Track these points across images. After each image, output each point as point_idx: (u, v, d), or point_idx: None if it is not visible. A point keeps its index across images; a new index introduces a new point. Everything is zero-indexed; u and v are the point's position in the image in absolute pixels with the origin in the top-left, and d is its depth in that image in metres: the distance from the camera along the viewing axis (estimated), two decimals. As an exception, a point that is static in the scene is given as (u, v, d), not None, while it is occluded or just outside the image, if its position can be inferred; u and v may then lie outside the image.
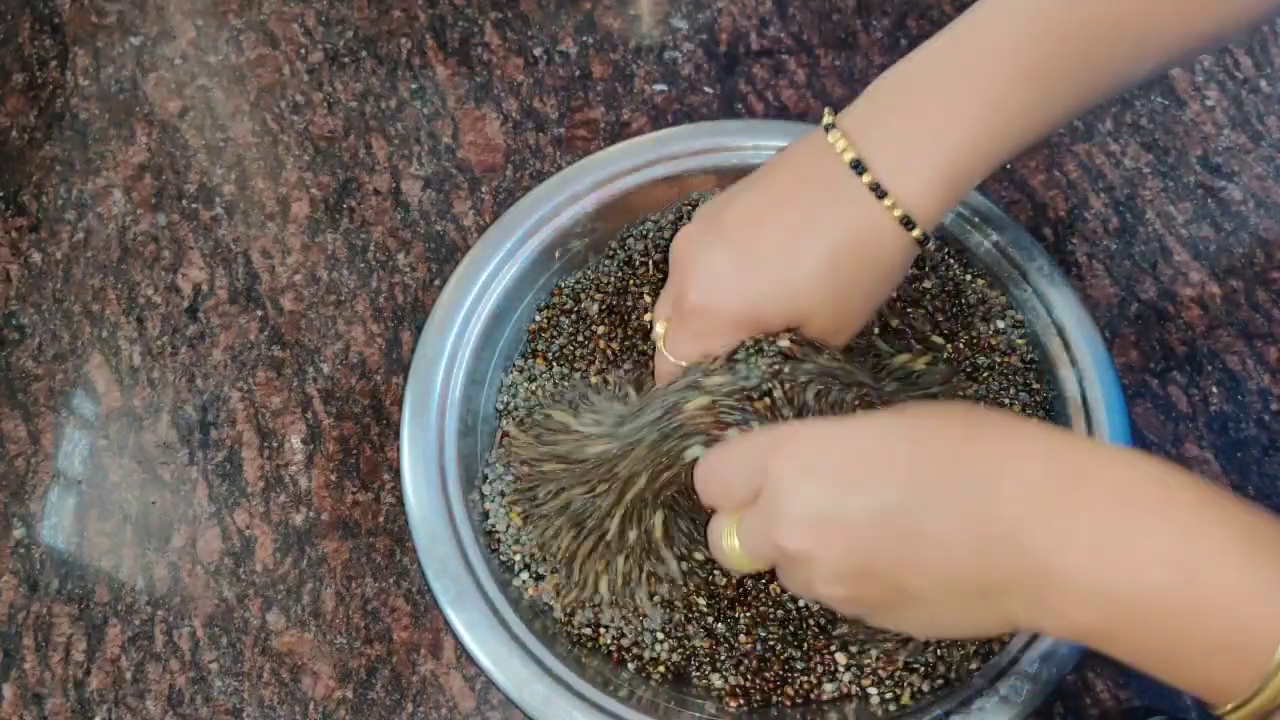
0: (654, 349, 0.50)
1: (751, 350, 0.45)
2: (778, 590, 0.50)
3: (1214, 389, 0.59)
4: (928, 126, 0.43)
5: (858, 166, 0.43)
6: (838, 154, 0.43)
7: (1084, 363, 0.53)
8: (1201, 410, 0.58)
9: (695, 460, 0.44)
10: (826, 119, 0.45)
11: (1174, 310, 0.61)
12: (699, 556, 0.50)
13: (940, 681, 0.48)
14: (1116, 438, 0.51)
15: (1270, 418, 0.58)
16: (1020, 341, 0.56)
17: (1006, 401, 0.55)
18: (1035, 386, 0.55)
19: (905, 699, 0.48)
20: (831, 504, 0.37)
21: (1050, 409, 0.54)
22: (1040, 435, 0.36)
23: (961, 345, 0.56)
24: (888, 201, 0.43)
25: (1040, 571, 0.34)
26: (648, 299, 0.58)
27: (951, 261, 0.59)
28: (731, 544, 0.41)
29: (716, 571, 0.51)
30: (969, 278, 0.58)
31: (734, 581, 0.51)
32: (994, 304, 0.57)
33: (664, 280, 0.58)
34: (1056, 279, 0.56)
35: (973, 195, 0.59)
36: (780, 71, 0.70)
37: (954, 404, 0.49)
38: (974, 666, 0.48)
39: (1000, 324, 0.57)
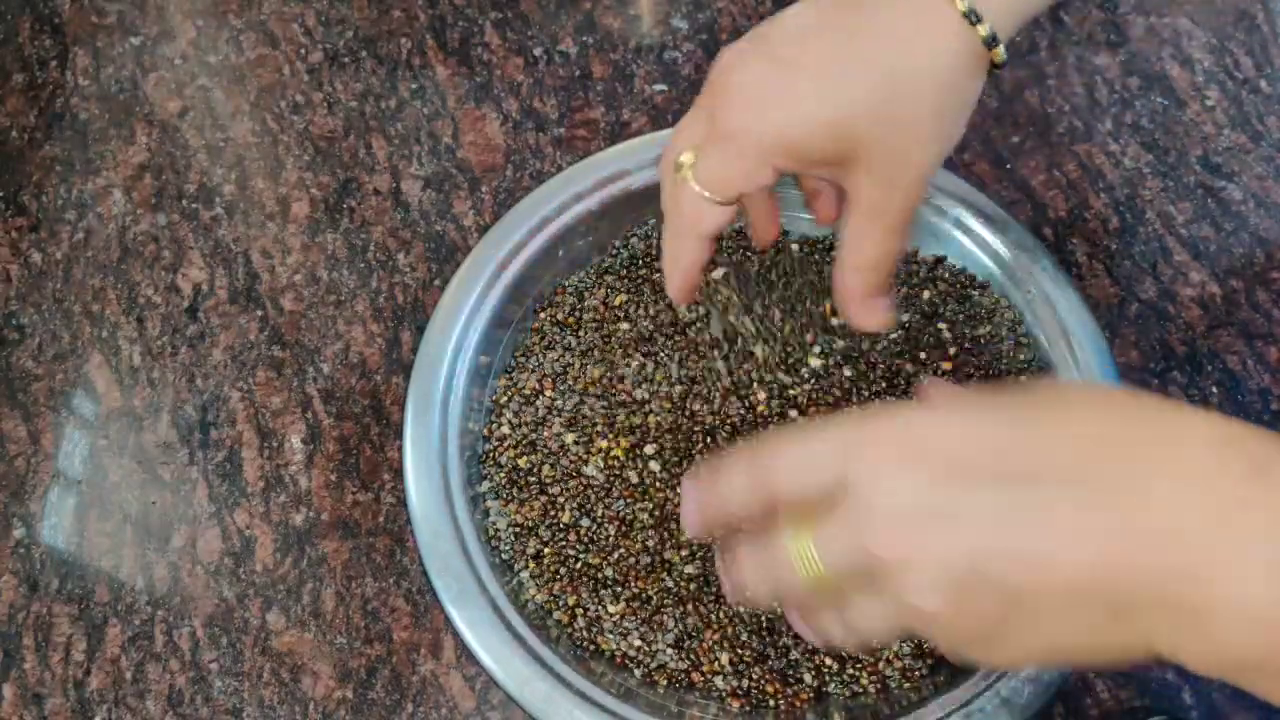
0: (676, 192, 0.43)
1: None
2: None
3: (1214, 389, 0.59)
4: None
5: None
6: None
7: (1088, 365, 0.53)
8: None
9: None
10: None
11: (1174, 310, 0.61)
12: (690, 570, 0.51)
13: (940, 679, 0.48)
14: None
15: (1270, 418, 0.58)
16: (1023, 342, 0.56)
17: None
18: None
19: (904, 687, 0.48)
20: (937, 497, 0.30)
21: None
22: (1213, 421, 0.30)
23: (965, 347, 0.56)
24: (962, 4, 0.37)
25: (1200, 583, 0.27)
26: (651, 298, 0.58)
27: (954, 265, 0.59)
28: (804, 553, 0.33)
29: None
30: (969, 280, 0.58)
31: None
32: (995, 306, 0.57)
33: (662, 283, 0.58)
34: (1061, 281, 0.56)
35: (977, 197, 0.59)
36: (780, 71, 0.70)
37: (1087, 385, 0.42)
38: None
39: (1003, 329, 0.57)
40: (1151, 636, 0.29)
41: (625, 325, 0.57)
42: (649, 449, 0.53)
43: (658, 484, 0.53)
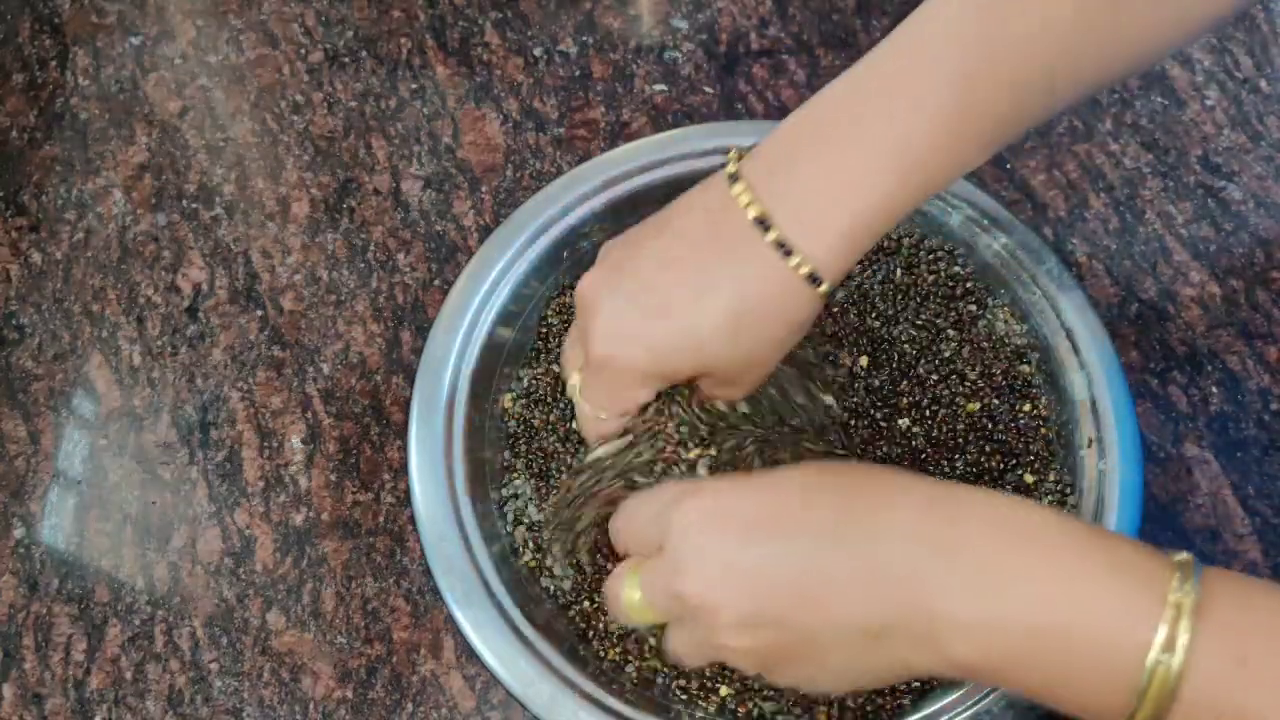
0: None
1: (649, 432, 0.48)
2: None
3: (1214, 389, 0.59)
4: (836, 179, 0.41)
5: (762, 224, 0.42)
6: (742, 208, 0.42)
7: (1093, 366, 0.53)
8: (1201, 410, 0.58)
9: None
10: (731, 166, 0.43)
11: (1174, 310, 0.61)
12: None
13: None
14: (1125, 441, 0.51)
15: (1270, 418, 0.58)
16: (1021, 342, 0.56)
17: (1012, 405, 0.55)
18: (1038, 393, 0.55)
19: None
20: (732, 553, 0.38)
21: (1060, 427, 0.55)
22: (920, 484, 0.38)
23: (965, 354, 0.56)
24: (794, 260, 0.41)
25: (924, 609, 0.35)
26: None
27: (956, 268, 0.59)
28: (631, 595, 0.42)
29: None
30: (971, 283, 0.58)
31: None
32: (997, 309, 0.57)
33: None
34: (1066, 282, 0.56)
35: (981, 197, 0.59)
36: (780, 71, 0.70)
37: (847, 463, 0.50)
38: None
39: (1002, 330, 0.57)
40: (904, 656, 0.36)
41: None
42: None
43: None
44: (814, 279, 0.42)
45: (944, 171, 0.41)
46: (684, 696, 0.49)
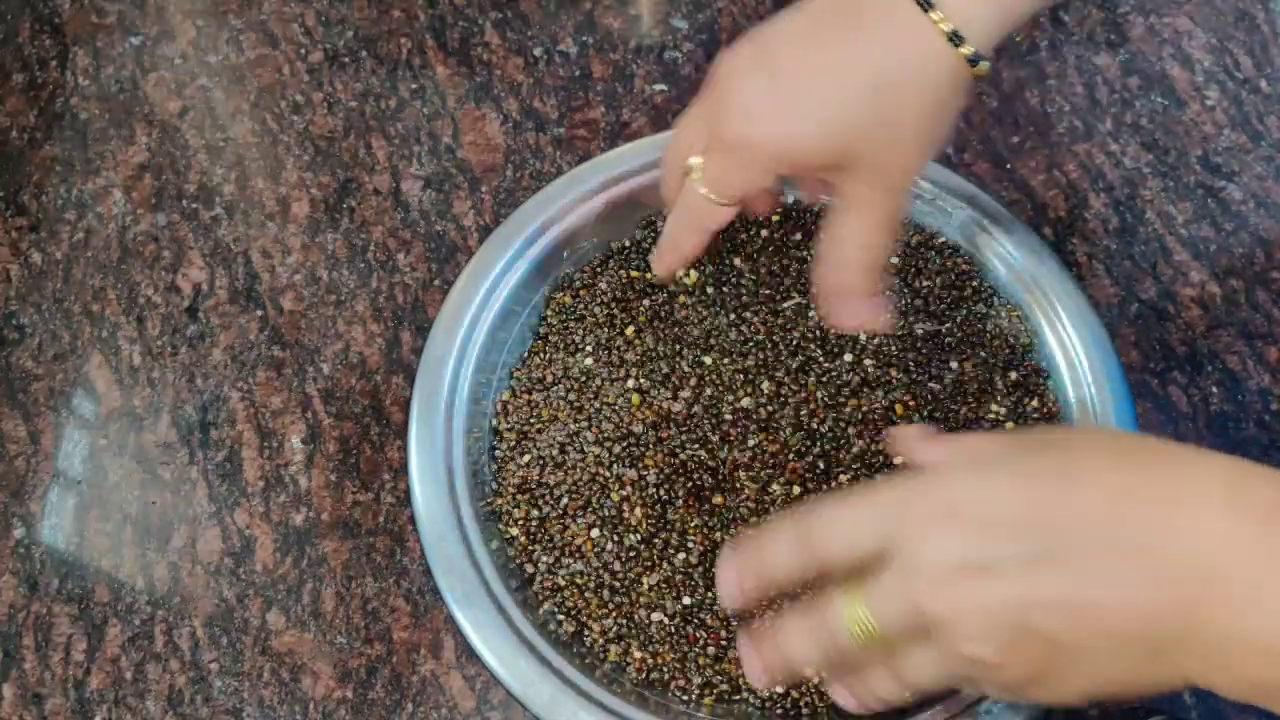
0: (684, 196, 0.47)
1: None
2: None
3: (1214, 389, 0.59)
4: None
5: None
6: None
7: (1094, 368, 0.53)
8: (1201, 410, 0.58)
9: None
10: None
11: (1174, 310, 0.61)
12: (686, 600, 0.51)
13: None
14: None
15: (1270, 418, 0.58)
16: (1023, 343, 0.56)
17: (1010, 406, 0.55)
18: (1041, 392, 0.55)
19: None
20: (980, 551, 0.33)
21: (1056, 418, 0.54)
22: (1219, 465, 0.32)
23: (966, 363, 0.56)
24: (935, 15, 0.39)
25: (1227, 626, 0.30)
26: (652, 304, 0.58)
27: (961, 268, 0.59)
28: (856, 613, 0.35)
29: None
30: (976, 282, 0.58)
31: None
32: (1000, 309, 0.57)
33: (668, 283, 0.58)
34: (1067, 283, 0.56)
35: (981, 197, 0.59)
36: (780, 71, 0.70)
37: (1101, 431, 0.44)
38: None
39: (1005, 330, 0.57)
40: (1184, 670, 0.31)
41: (630, 331, 0.57)
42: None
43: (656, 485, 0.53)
44: (956, 38, 0.39)
45: None
46: (684, 697, 0.49)
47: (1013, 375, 0.55)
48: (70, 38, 0.74)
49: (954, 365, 0.56)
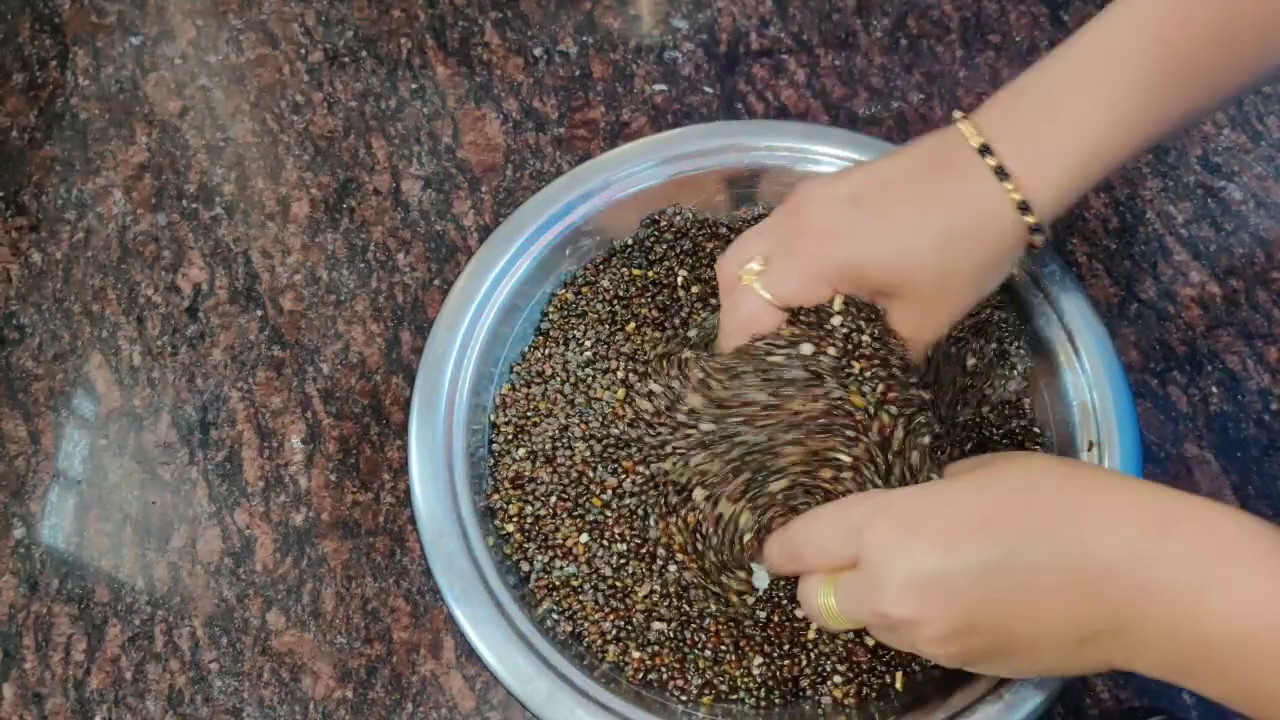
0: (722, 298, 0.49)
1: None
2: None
3: (1214, 389, 0.59)
4: (1055, 124, 0.44)
5: (985, 151, 0.44)
6: (966, 139, 0.45)
7: (1094, 369, 0.53)
8: (1201, 410, 0.58)
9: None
10: (957, 115, 0.46)
11: (1174, 310, 0.61)
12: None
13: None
14: (1125, 444, 0.51)
15: (1270, 418, 0.58)
16: (1024, 344, 0.56)
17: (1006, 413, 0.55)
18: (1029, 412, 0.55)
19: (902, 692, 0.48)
20: (935, 565, 0.38)
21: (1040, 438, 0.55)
22: (1127, 484, 0.38)
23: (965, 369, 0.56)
24: (1009, 185, 0.44)
25: (1137, 617, 0.36)
26: (654, 301, 0.58)
27: None
28: (828, 603, 0.42)
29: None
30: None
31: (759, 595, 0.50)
32: (1001, 309, 0.57)
33: (670, 282, 0.58)
34: (1068, 284, 0.56)
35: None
36: (780, 71, 0.70)
37: (1036, 457, 0.49)
38: None
39: (1006, 331, 0.57)
40: (1108, 656, 0.38)
41: (631, 327, 0.57)
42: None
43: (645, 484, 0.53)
44: (1024, 208, 0.44)
45: (1152, 129, 0.44)
46: (682, 696, 0.49)
47: (1011, 378, 0.55)
48: (70, 38, 0.74)
49: (952, 367, 0.56)
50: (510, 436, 0.55)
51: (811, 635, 0.50)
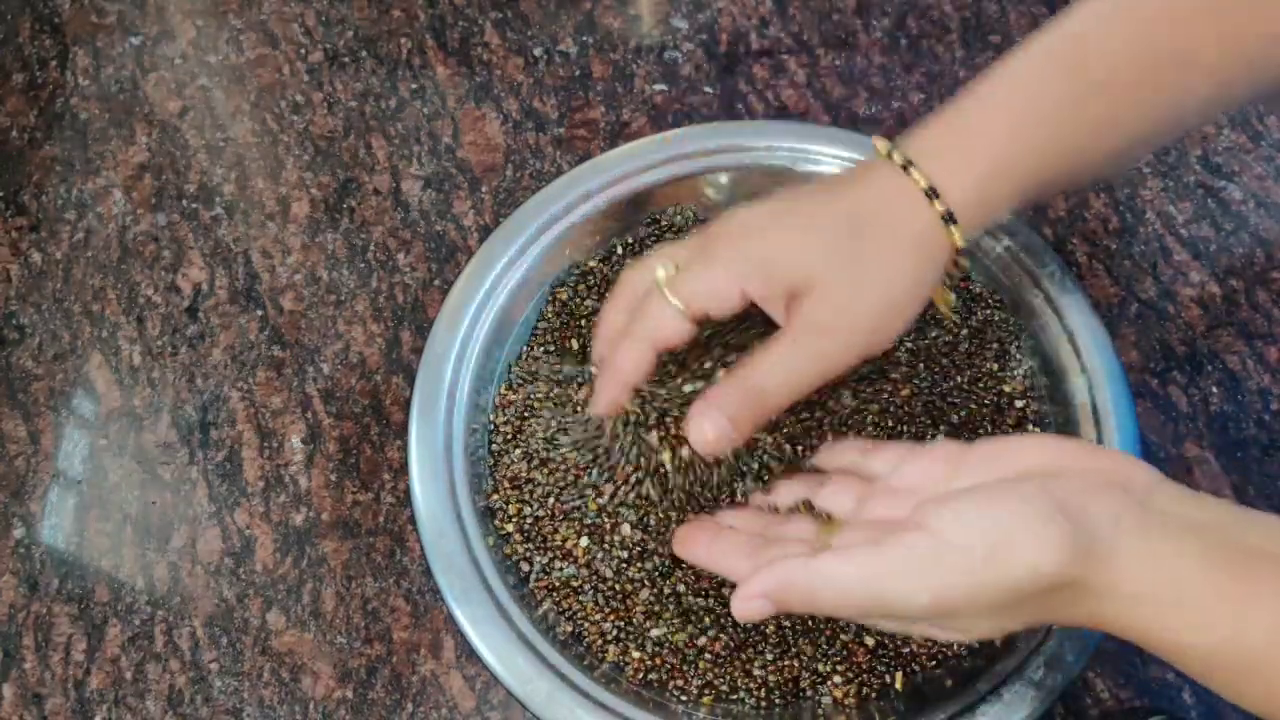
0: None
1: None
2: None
3: (1214, 389, 0.59)
4: (965, 136, 0.45)
5: (890, 154, 0.46)
6: (877, 150, 0.47)
7: (1094, 370, 0.53)
8: (1201, 410, 0.58)
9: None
10: (874, 139, 0.48)
11: (1174, 310, 0.61)
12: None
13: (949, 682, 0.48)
14: (1126, 445, 0.51)
15: (1270, 418, 0.58)
16: (1024, 344, 0.56)
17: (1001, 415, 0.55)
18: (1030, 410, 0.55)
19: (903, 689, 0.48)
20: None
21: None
22: (1115, 457, 0.40)
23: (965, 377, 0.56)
24: (915, 174, 0.45)
25: (1100, 585, 0.37)
26: None
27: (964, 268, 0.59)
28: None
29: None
30: (978, 287, 0.58)
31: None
32: (1002, 310, 0.57)
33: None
34: (1068, 285, 0.56)
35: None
36: (780, 71, 0.70)
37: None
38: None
39: (1007, 331, 0.57)
40: (1072, 612, 0.38)
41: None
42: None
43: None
44: (932, 193, 0.44)
45: (1066, 150, 0.45)
46: (682, 696, 0.49)
47: (1012, 378, 0.55)
48: (70, 38, 0.74)
49: (952, 367, 0.56)
50: (509, 437, 0.55)
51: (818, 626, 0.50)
